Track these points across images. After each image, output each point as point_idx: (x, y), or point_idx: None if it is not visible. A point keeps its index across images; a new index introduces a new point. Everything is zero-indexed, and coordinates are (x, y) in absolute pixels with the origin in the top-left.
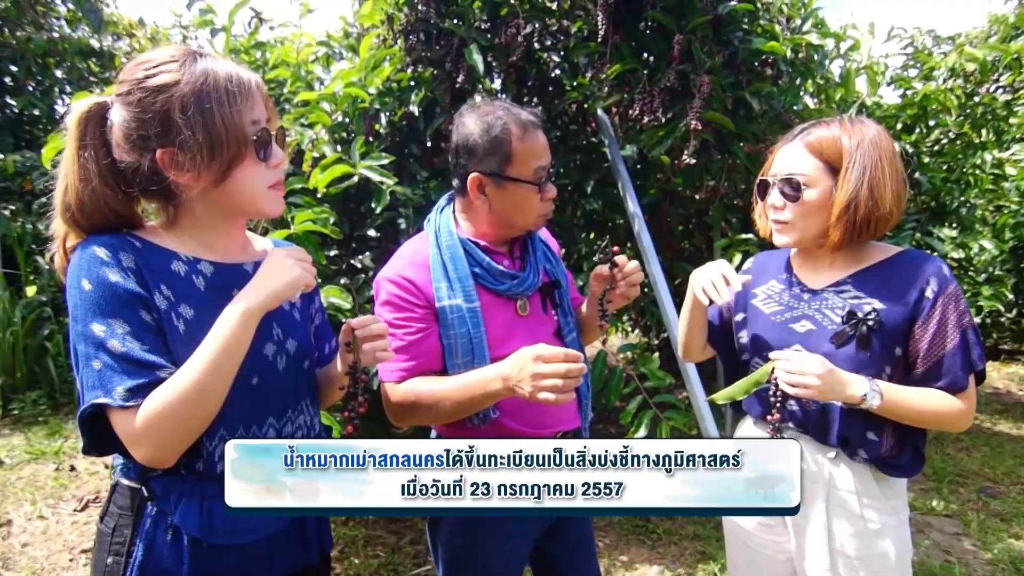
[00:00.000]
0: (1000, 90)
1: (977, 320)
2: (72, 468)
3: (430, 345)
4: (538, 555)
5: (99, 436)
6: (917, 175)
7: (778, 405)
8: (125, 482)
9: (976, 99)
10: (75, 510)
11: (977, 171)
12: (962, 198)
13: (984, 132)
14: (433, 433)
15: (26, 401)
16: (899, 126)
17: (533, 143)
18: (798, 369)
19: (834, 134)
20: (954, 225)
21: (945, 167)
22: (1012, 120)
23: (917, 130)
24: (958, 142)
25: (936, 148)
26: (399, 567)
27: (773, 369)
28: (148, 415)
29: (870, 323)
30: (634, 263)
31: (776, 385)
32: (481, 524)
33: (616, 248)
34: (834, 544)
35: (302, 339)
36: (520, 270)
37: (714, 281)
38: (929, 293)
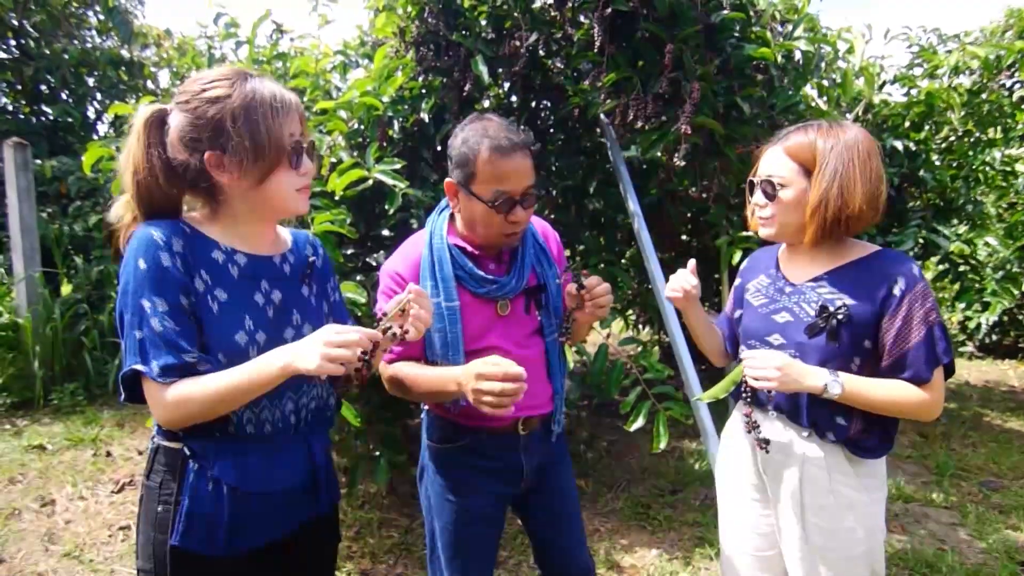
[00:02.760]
0: (1018, 84)
1: (994, 318)
2: (108, 454)
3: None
4: (523, 516)
5: (138, 390)
6: (922, 172)
7: (748, 399)
8: (167, 444)
9: (984, 96)
10: (112, 491)
11: (987, 168)
12: (969, 195)
13: (992, 129)
14: (424, 407)
15: (64, 392)
16: (907, 124)
17: (498, 168)
18: (760, 364)
19: (810, 139)
20: (964, 222)
21: (955, 164)
22: (1020, 117)
23: (926, 127)
24: (966, 139)
25: (945, 145)
26: (411, 547)
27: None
28: (176, 398)
29: (839, 317)
30: (604, 286)
31: (745, 381)
32: (448, 482)
33: (586, 271)
34: (806, 515)
35: (317, 323)
36: (504, 274)
37: (671, 286)
38: (897, 291)
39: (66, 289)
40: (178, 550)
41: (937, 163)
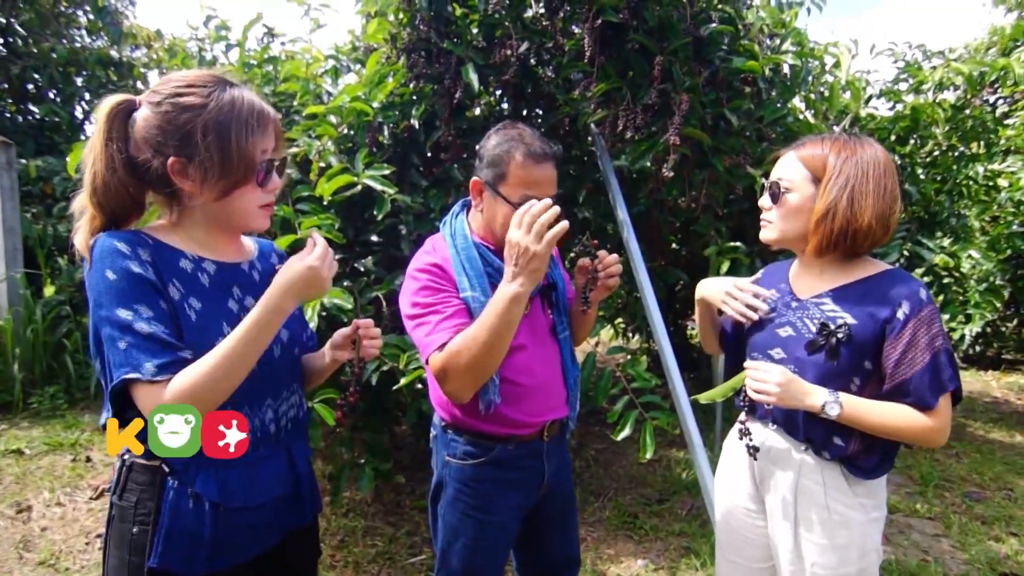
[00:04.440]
0: (1001, 100)
1: (977, 330)
2: (88, 459)
3: (466, 319)
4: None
5: (125, 411)
6: (907, 186)
7: (745, 408)
8: (142, 461)
9: (967, 111)
10: (91, 498)
11: (970, 182)
12: (953, 208)
13: (976, 144)
14: (437, 419)
15: (44, 395)
16: (892, 138)
17: (529, 173)
18: (761, 378)
19: (824, 149)
20: (948, 235)
21: (939, 178)
22: (1007, 132)
23: (911, 141)
24: (950, 154)
25: (929, 159)
26: (396, 556)
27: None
28: (178, 390)
29: (839, 336)
30: (613, 256)
31: (744, 390)
32: (474, 499)
33: (595, 241)
34: (799, 529)
35: (292, 329)
36: None
37: (730, 292)
38: (900, 314)
39: (49, 290)
40: (157, 572)
41: (922, 176)
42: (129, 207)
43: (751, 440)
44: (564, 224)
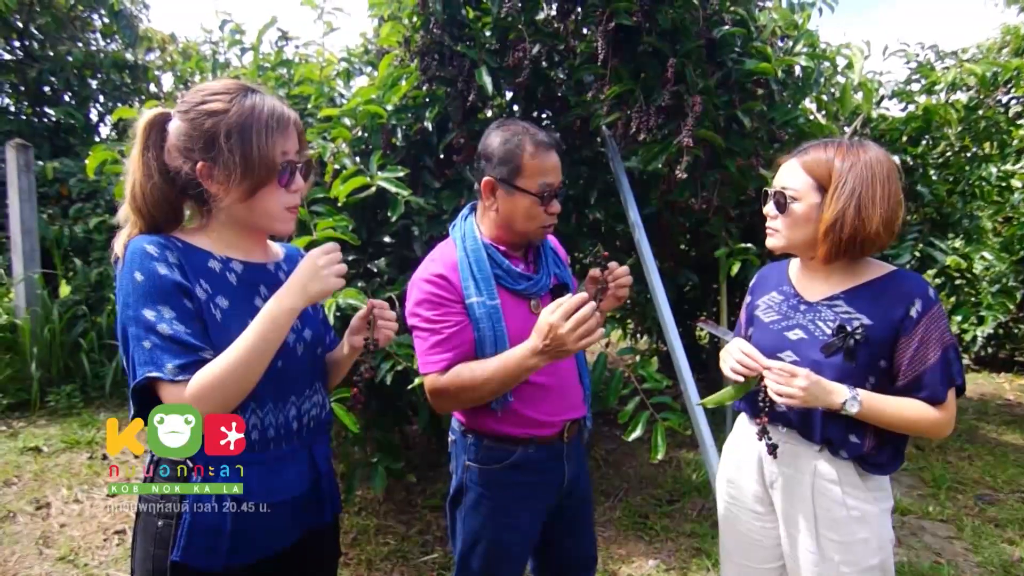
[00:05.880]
0: (1014, 101)
1: (989, 331)
2: (104, 456)
3: (468, 336)
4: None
5: (145, 406)
6: (919, 187)
7: (766, 409)
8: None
9: (980, 112)
10: (108, 495)
11: (983, 183)
12: (966, 209)
13: (989, 145)
14: (456, 423)
15: (61, 394)
16: (904, 139)
17: (543, 162)
18: (785, 380)
19: (828, 156)
20: (960, 236)
21: (951, 179)
22: (1020, 133)
23: (923, 142)
24: (963, 155)
25: (941, 160)
26: (408, 554)
27: (762, 377)
28: (197, 387)
29: (857, 337)
30: (624, 268)
31: (765, 391)
32: (496, 503)
33: (607, 253)
34: (820, 530)
35: (315, 329)
36: (534, 273)
37: (740, 361)
38: (914, 312)
39: (65, 291)
40: (178, 565)
41: (934, 178)
42: (167, 213)
43: (770, 439)
44: (601, 332)
